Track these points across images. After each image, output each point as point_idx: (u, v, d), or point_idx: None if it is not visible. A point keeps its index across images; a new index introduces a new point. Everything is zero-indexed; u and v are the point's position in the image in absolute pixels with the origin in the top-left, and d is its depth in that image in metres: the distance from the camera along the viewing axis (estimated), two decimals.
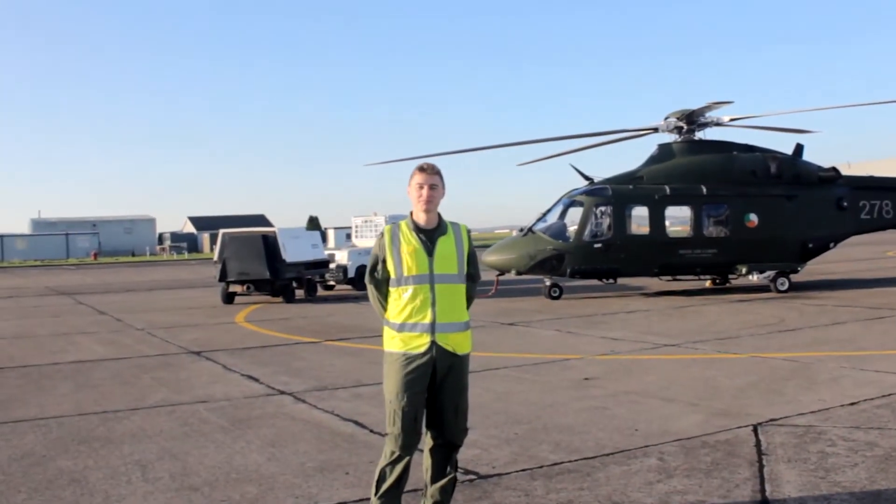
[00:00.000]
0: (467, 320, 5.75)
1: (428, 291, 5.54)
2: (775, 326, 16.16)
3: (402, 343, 5.56)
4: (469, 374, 5.80)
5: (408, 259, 5.55)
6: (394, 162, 26.95)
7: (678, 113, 24.94)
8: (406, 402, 5.50)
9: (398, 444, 5.53)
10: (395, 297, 5.61)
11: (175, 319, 21.68)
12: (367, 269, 5.84)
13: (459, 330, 5.63)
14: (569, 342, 15.16)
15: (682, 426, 8.55)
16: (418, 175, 5.64)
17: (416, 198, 5.62)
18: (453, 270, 5.63)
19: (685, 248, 23.79)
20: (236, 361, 13.88)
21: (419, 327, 5.52)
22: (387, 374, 5.64)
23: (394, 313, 5.62)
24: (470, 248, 5.81)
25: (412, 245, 5.57)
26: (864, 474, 6.71)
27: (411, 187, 5.66)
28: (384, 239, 5.69)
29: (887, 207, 25.38)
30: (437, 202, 5.67)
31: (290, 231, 27.93)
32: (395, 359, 5.57)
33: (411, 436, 5.55)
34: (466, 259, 5.74)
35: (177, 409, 10.22)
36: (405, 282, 5.56)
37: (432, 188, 5.61)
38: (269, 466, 7.56)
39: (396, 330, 5.58)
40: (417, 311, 5.53)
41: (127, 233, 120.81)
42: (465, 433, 5.79)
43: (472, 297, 5.89)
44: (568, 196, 24.77)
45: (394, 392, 5.54)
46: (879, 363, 11.58)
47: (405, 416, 5.50)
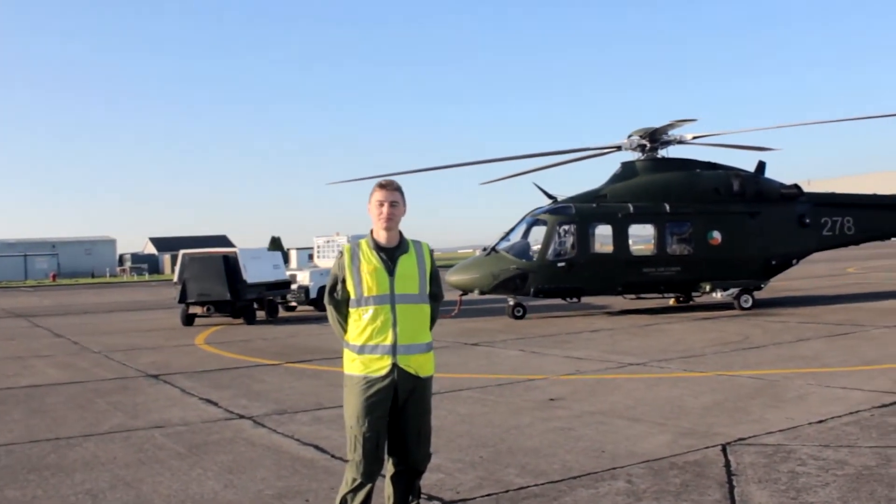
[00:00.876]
0: (430, 341, 5.58)
1: (389, 312, 5.37)
2: (740, 344, 16.09)
3: (362, 366, 5.37)
4: (432, 397, 5.62)
5: (368, 279, 5.38)
6: (357, 181, 26.79)
7: (641, 131, 24.95)
8: (367, 428, 5.31)
9: (359, 471, 5.34)
10: (356, 319, 5.43)
11: (133, 342, 21.28)
12: (326, 289, 5.65)
13: (422, 351, 5.46)
14: (533, 362, 14.98)
15: (649, 447, 8.39)
16: (378, 192, 5.48)
17: (377, 215, 5.46)
18: (415, 290, 5.47)
19: (649, 267, 23.74)
20: (195, 385, 13.58)
21: (380, 349, 5.35)
22: (347, 398, 5.45)
23: (354, 335, 5.44)
24: (432, 266, 5.65)
25: (372, 264, 5.41)
26: (835, 494, 6.58)
27: (371, 205, 5.49)
28: (343, 258, 5.51)
29: (848, 224, 25.49)
30: (397, 220, 5.50)
31: (251, 251, 27.59)
32: (356, 382, 5.38)
33: (373, 462, 5.36)
34: (429, 278, 5.58)
35: (132, 434, 9.91)
36: (365, 302, 5.39)
37: (393, 205, 5.45)
38: (226, 494, 7.30)
39: (356, 352, 5.40)
40: (378, 333, 5.36)
41: (87, 254, 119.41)
42: (428, 458, 5.61)
43: (434, 317, 5.72)
44: (531, 215, 24.67)
45: (354, 417, 5.34)
46: (845, 380, 11.51)
47: (366, 442, 5.31)
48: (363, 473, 5.34)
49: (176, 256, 29.54)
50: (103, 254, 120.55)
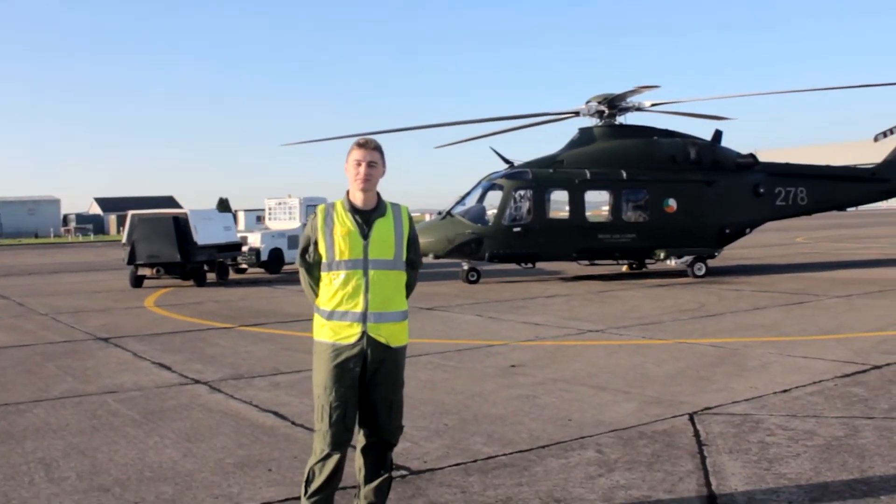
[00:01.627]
0: (404, 310, 5.34)
1: (361, 277, 5.12)
2: (696, 312, 16.09)
3: (331, 332, 5.14)
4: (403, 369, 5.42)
5: (340, 242, 5.13)
6: (311, 142, 26.42)
7: (600, 97, 24.81)
8: (335, 397, 5.09)
9: (327, 441, 5.11)
10: (326, 283, 5.19)
11: (81, 304, 20.82)
12: (299, 251, 5.41)
13: (394, 320, 5.21)
14: (491, 328, 14.86)
15: (616, 415, 8.28)
16: (356, 151, 5.21)
17: (353, 176, 5.19)
18: (389, 256, 5.21)
19: (604, 233, 23.69)
20: (146, 348, 13.27)
21: (350, 316, 5.11)
22: (315, 365, 5.22)
23: (324, 300, 5.20)
24: (411, 232, 5.40)
25: (346, 227, 5.15)
26: (808, 465, 6.51)
27: (348, 164, 5.23)
28: (317, 219, 5.26)
29: (802, 194, 25.62)
30: (375, 181, 5.23)
31: (201, 213, 27.14)
32: (324, 349, 5.15)
33: (341, 433, 5.13)
34: (406, 244, 5.32)
35: (84, 400, 9.62)
36: (336, 266, 5.15)
37: (371, 166, 5.18)
38: (185, 463, 7.06)
39: (325, 318, 5.17)
40: (349, 299, 5.12)
41: (30, 214, 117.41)
42: (399, 431, 5.40)
43: (412, 285, 5.48)
44: (487, 179, 24.47)
45: (322, 386, 5.12)
46: (805, 349, 11.50)
47: (333, 412, 5.09)
48: (331, 444, 5.11)
49: (122, 217, 29.05)
50: (47, 214, 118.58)
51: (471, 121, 26.37)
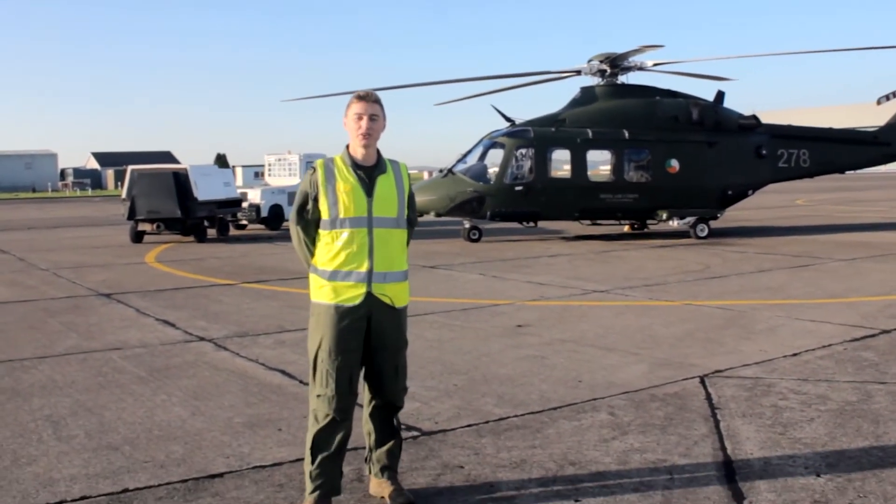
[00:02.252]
0: (406, 269, 5.22)
1: (366, 236, 4.96)
2: (701, 273, 16.02)
3: (333, 293, 4.97)
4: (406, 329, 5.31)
5: (344, 198, 4.94)
6: (310, 98, 26.23)
7: (602, 56, 24.59)
8: (341, 362, 4.94)
9: (332, 406, 4.96)
10: (327, 242, 5.00)
11: (82, 259, 20.73)
12: (295, 208, 5.16)
13: (398, 280, 5.10)
14: (495, 287, 14.79)
15: (626, 377, 8.23)
16: (356, 104, 5.01)
17: (354, 130, 5.01)
18: (393, 213, 5.05)
19: (606, 193, 23.57)
20: (149, 304, 13.20)
21: (353, 276, 4.95)
22: (314, 328, 5.05)
23: (324, 259, 5.01)
24: (410, 189, 5.26)
25: (350, 183, 4.96)
26: (822, 430, 6.46)
27: (348, 118, 5.04)
28: (317, 175, 5.03)
29: (804, 157, 25.47)
30: (377, 135, 5.05)
31: (201, 168, 26.97)
32: (325, 311, 4.98)
33: (347, 397, 5.00)
34: (407, 201, 5.19)
35: (89, 356, 9.56)
36: (340, 224, 4.95)
37: (372, 119, 4.99)
38: (193, 422, 7.01)
39: (327, 278, 4.99)
40: (353, 258, 4.95)
41: (27, 168, 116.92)
42: (404, 392, 5.30)
43: (408, 242, 5.37)
44: (489, 137, 24.31)
45: (326, 350, 4.96)
46: (812, 312, 11.45)
47: (340, 377, 4.95)
48: (337, 409, 4.97)
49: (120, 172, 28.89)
50: (44, 168, 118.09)
51: (472, 78, 26.14)
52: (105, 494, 5.44)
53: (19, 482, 5.69)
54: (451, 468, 5.82)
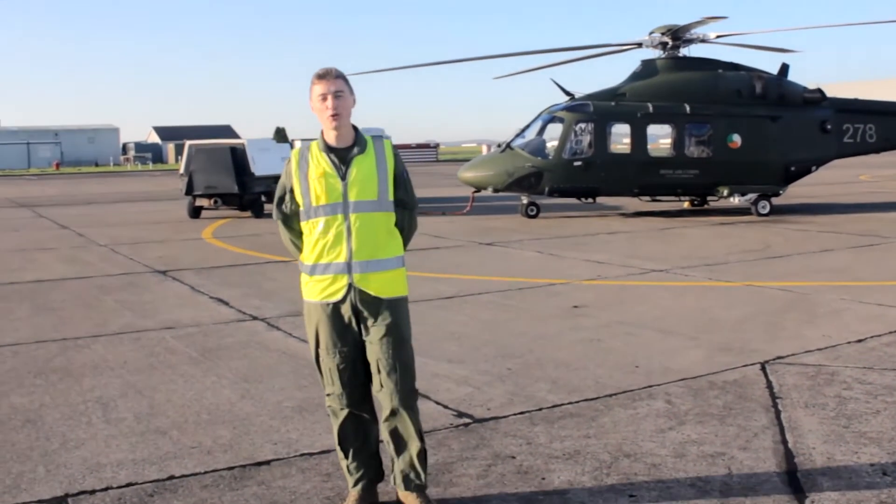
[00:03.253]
0: (398, 256, 4.82)
1: (342, 223, 4.64)
2: (762, 252, 15.65)
3: (317, 290, 4.71)
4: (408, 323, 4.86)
5: (315, 185, 4.65)
6: (366, 73, 26.06)
7: (663, 28, 24.08)
8: (340, 359, 4.73)
9: (343, 402, 4.80)
10: (307, 234, 4.74)
11: (140, 235, 20.89)
12: (275, 201, 4.90)
13: (385, 268, 4.73)
14: (552, 265, 14.58)
15: (684, 363, 8.01)
16: (318, 84, 4.65)
17: (322, 112, 4.65)
18: (373, 196, 4.69)
19: (667, 169, 23.14)
20: (204, 282, 13.21)
21: (332, 268, 4.67)
22: (308, 327, 4.84)
23: (306, 253, 4.76)
24: (397, 167, 4.84)
25: (321, 168, 4.67)
26: (889, 424, 6.20)
27: (313, 101, 4.69)
28: (291, 164, 4.78)
29: (870, 132, 24.78)
30: (347, 113, 4.69)
31: (258, 143, 27.03)
32: (314, 309, 4.75)
33: (357, 389, 4.80)
34: (392, 181, 4.80)
35: (142, 336, 9.56)
36: (314, 213, 4.67)
37: (337, 96, 4.62)
38: (243, 406, 6.95)
39: (309, 273, 4.74)
40: (330, 249, 4.66)
41: (90, 142, 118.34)
42: (413, 395, 4.83)
43: (407, 227, 4.95)
44: (548, 112, 23.96)
45: (324, 348, 4.75)
46: (879, 295, 11.08)
47: (343, 373, 4.75)
48: (350, 404, 4.79)
49: (180, 146, 29.05)
50: (106, 142, 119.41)
51: (531, 51, 25.83)
52: (151, 481, 5.39)
53: (67, 466, 5.66)
54: (502, 458, 5.67)
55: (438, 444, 5.92)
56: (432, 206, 27.09)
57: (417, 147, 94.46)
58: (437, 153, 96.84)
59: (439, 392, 7.20)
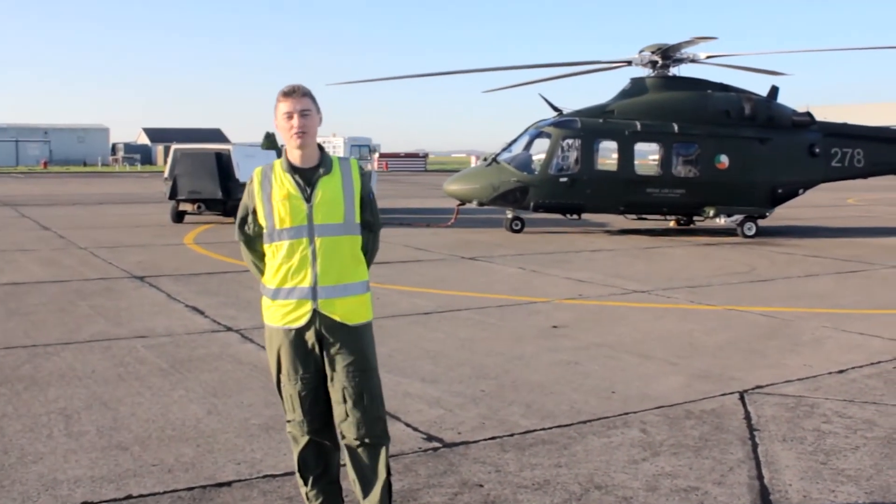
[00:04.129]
0: (364, 281, 4.67)
1: (307, 247, 4.49)
2: (747, 275, 15.56)
3: (279, 315, 4.54)
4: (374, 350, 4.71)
5: (279, 207, 4.51)
6: (357, 83, 25.94)
7: (654, 47, 24.02)
8: (301, 386, 4.57)
9: (304, 430, 4.64)
10: (270, 257, 4.60)
11: (121, 238, 20.68)
12: (237, 222, 4.78)
13: (351, 294, 4.57)
14: (534, 282, 14.45)
15: (662, 390, 7.89)
16: (284, 102, 4.52)
17: (286, 130, 4.52)
18: (339, 219, 4.55)
19: (653, 187, 23.05)
20: (181, 289, 13.03)
21: (297, 292, 4.51)
22: (270, 352, 4.68)
23: (268, 276, 4.61)
24: (364, 188, 4.68)
25: (285, 189, 4.52)
26: (868, 461, 6.08)
27: (278, 119, 4.56)
28: (253, 184, 4.63)
29: (858, 156, 24.74)
30: (313, 133, 4.56)
31: (244, 149, 26.86)
32: (276, 334, 4.58)
33: (318, 416, 4.64)
34: (359, 203, 4.64)
35: (113, 344, 9.38)
36: (278, 236, 4.53)
37: (304, 115, 4.49)
38: (209, 422, 6.79)
39: (271, 297, 4.58)
40: (294, 273, 4.50)
41: (79, 142, 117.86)
42: (380, 424, 4.64)
43: (371, 250, 4.80)
44: (535, 127, 23.87)
45: (285, 374, 4.59)
46: (860, 324, 10.98)
47: (304, 400, 4.59)
48: (311, 431, 4.63)
49: (169, 148, 28.82)
50: (96, 142, 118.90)
51: (521, 66, 25.75)
52: (108, 501, 5.23)
53: (22, 482, 5.50)
54: (469, 487, 5.53)
55: (405, 469, 5.78)
56: (417, 217, 26.95)
57: (406, 156, 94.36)
58: (426, 163, 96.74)
59: (410, 413, 7.06)
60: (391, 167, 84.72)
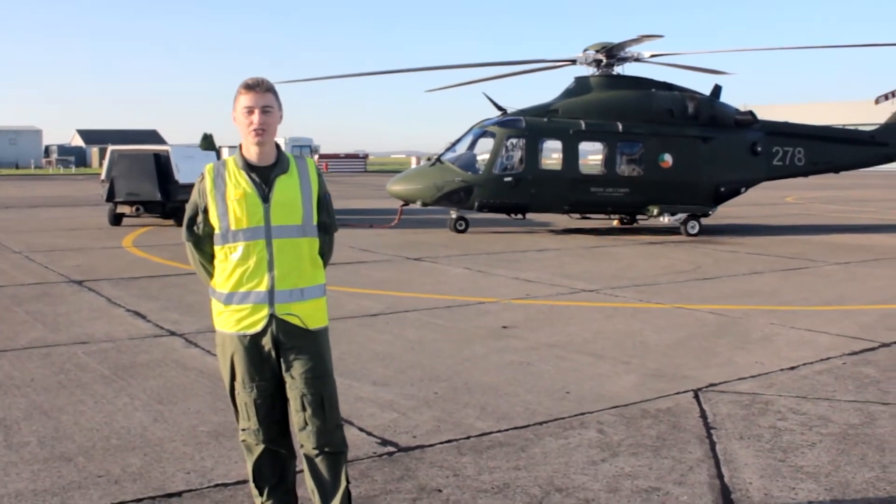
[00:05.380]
0: (321, 284, 4.51)
1: (264, 249, 4.30)
2: (693, 274, 15.61)
3: (232, 321, 4.34)
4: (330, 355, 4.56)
5: (235, 207, 4.30)
6: (298, 82, 25.63)
7: (598, 45, 24.07)
8: (257, 393, 4.38)
9: (259, 438, 4.46)
10: (221, 259, 4.38)
11: (57, 242, 20.19)
12: (184, 222, 4.52)
13: (310, 297, 4.42)
14: (481, 283, 14.34)
15: (616, 389, 7.82)
16: (246, 95, 4.31)
17: (245, 126, 4.31)
18: (297, 220, 4.38)
19: (597, 186, 23.09)
20: (122, 293, 12.71)
21: (252, 297, 4.31)
22: (222, 359, 4.47)
23: (220, 280, 4.39)
24: (321, 189, 4.53)
25: (241, 188, 4.31)
26: (825, 457, 6.05)
27: (237, 112, 4.34)
28: (205, 182, 4.40)
29: (799, 155, 25.02)
30: (272, 130, 4.36)
31: (183, 150, 26.43)
32: (229, 341, 4.38)
33: (274, 424, 4.47)
34: (316, 204, 4.49)
35: (52, 351, 9.09)
36: (233, 237, 4.31)
37: (265, 112, 4.30)
38: (155, 430, 6.57)
39: (224, 302, 4.38)
40: (250, 277, 4.31)
41: (11, 144, 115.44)
42: (338, 431, 4.50)
43: (327, 252, 4.64)
44: (479, 126, 23.78)
45: (240, 382, 4.39)
46: (808, 320, 11.04)
47: (260, 409, 4.41)
48: (266, 440, 4.45)
49: (104, 150, 28.28)
50: (28, 144, 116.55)
51: (464, 65, 25.72)
52: None
53: None
54: (428, 492, 5.40)
55: (361, 475, 5.63)
56: (360, 218, 26.75)
57: (346, 157, 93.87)
58: (366, 164, 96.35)
59: (363, 417, 6.90)
60: (331, 168, 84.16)
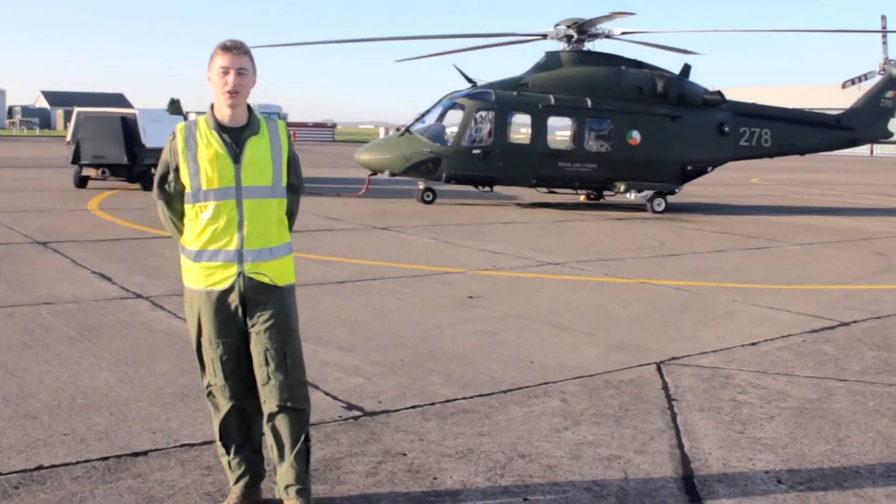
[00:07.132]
0: (288, 242, 4.62)
1: (234, 209, 4.38)
2: (658, 250, 15.76)
3: (202, 277, 4.42)
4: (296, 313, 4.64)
5: (207, 167, 4.35)
6: (267, 47, 25.43)
7: (569, 21, 24.10)
8: (223, 350, 4.46)
9: (226, 394, 4.53)
10: (192, 217, 4.45)
11: (21, 203, 19.98)
12: (156, 180, 4.57)
13: (278, 256, 4.51)
14: (447, 253, 14.40)
15: (580, 360, 7.91)
16: (222, 56, 4.35)
17: (219, 87, 4.34)
18: (267, 182, 4.45)
19: (565, 161, 23.18)
20: (87, 255, 12.65)
21: (222, 255, 4.40)
22: (190, 315, 4.55)
23: (190, 238, 4.47)
24: (290, 151, 4.61)
25: (213, 149, 4.36)
26: (783, 430, 6.18)
27: (212, 73, 4.38)
28: (176, 141, 4.45)
29: (766, 136, 25.22)
30: (246, 92, 4.41)
31: (151, 113, 26.17)
32: (197, 297, 4.46)
33: (240, 381, 4.53)
34: (286, 166, 4.56)
35: (17, 311, 9.04)
36: (204, 197, 4.38)
37: (240, 73, 4.34)
38: (121, 390, 6.57)
39: (193, 259, 4.45)
40: (220, 235, 4.39)
41: None
42: (302, 388, 4.57)
43: (294, 212, 4.73)
44: (449, 98, 23.76)
45: (206, 338, 4.47)
46: (770, 299, 11.18)
47: (226, 365, 4.48)
48: (233, 396, 4.53)
49: (69, 112, 27.97)
50: None
51: (435, 36, 25.61)
52: (17, 472, 5.01)
53: None
54: (392, 455, 5.46)
55: (326, 438, 5.68)
56: (327, 186, 26.69)
57: (315, 126, 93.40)
58: (334, 133, 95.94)
59: (329, 382, 6.95)
60: (299, 136, 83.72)
